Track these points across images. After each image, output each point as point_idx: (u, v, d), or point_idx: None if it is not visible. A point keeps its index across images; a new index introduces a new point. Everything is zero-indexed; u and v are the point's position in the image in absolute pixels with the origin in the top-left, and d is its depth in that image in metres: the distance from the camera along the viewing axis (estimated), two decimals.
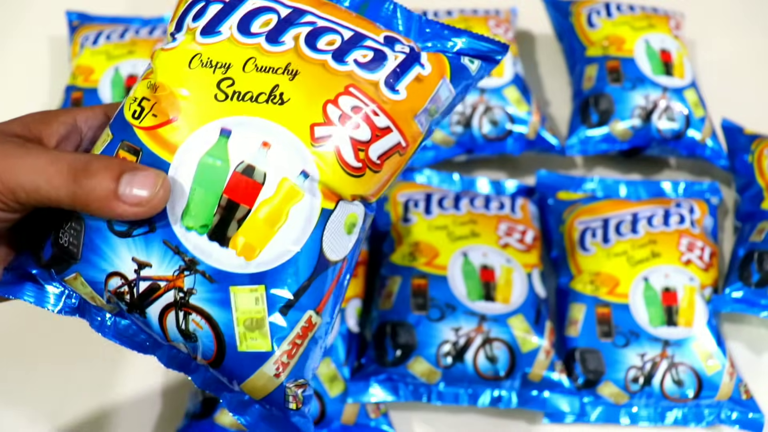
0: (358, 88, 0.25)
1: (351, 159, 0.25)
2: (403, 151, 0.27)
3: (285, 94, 0.25)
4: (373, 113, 0.25)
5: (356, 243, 0.27)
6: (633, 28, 0.58)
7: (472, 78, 0.28)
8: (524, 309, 0.45)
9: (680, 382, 0.44)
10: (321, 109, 0.25)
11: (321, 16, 0.27)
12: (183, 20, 0.27)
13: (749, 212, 0.51)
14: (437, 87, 0.27)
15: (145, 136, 0.25)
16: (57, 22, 0.64)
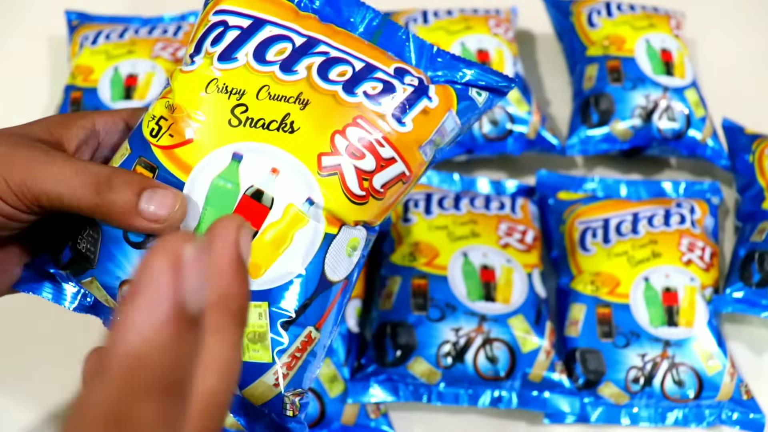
0: (365, 119, 0.26)
1: (355, 188, 0.26)
2: (407, 179, 0.28)
3: (295, 123, 0.26)
4: (378, 144, 0.26)
5: (357, 264, 0.28)
6: (633, 28, 0.58)
7: (478, 109, 0.29)
8: (524, 309, 0.45)
9: (681, 382, 0.44)
10: (329, 139, 0.26)
11: (334, 46, 0.28)
12: (202, 44, 0.28)
13: (750, 212, 0.51)
14: (443, 119, 0.28)
15: (161, 154, 0.26)
16: (56, 22, 0.64)
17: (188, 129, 0.26)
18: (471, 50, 0.57)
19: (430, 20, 0.59)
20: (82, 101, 0.54)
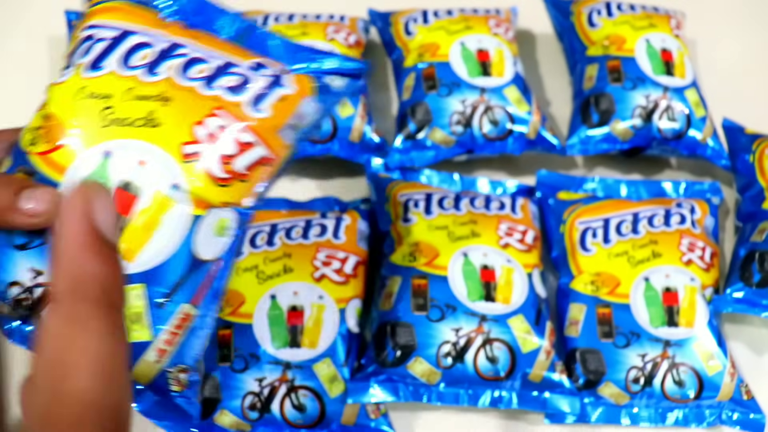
0: (224, 109, 0.29)
1: (218, 171, 0.29)
2: (270, 162, 0.30)
3: (158, 119, 0.29)
4: (237, 131, 0.29)
5: (231, 243, 0.30)
6: (634, 28, 0.58)
7: (338, 93, 0.32)
8: (524, 309, 0.45)
9: (681, 382, 0.44)
10: (190, 130, 0.29)
11: (196, 48, 0.31)
12: (72, 57, 0.31)
13: (750, 212, 0.51)
14: (299, 105, 0.31)
15: (38, 160, 0.29)
16: (56, 22, 0.64)
17: (62, 134, 0.29)
18: (471, 50, 0.56)
19: (430, 20, 0.59)
20: None
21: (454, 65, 0.56)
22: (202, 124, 0.29)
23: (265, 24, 0.59)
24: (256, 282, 0.45)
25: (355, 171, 0.56)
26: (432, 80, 0.55)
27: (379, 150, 0.55)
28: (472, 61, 0.56)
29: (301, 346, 0.43)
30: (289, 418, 0.42)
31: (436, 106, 0.54)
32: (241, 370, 0.42)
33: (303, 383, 0.42)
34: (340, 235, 0.47)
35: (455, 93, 0.54)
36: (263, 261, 0.45)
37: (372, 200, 0.52)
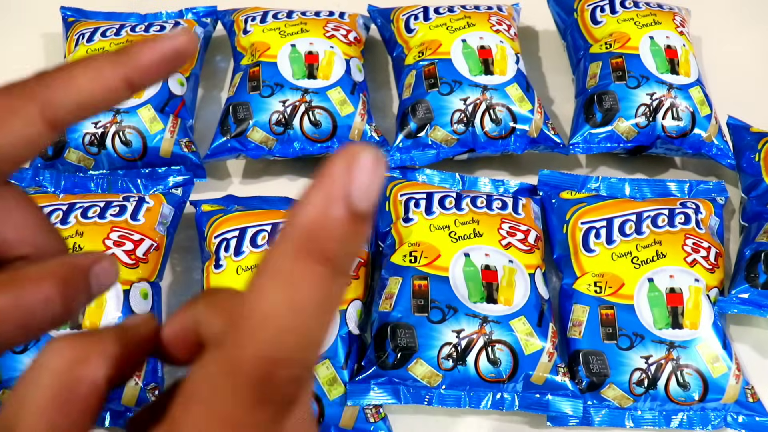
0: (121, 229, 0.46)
1: (127, 260, 0.45)
2: (156, 247, 0.47)
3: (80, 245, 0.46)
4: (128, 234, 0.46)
5: (153, 303, 0.45)
6: (638, 25, 0.57)
7: (182, 197, 0.51)
8: (527, 310, 0.44)
9: (685, 384, 0.43)
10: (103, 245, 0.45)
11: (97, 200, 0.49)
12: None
13: (756, 212, 0.50)
14: (161, 209, 0.48)
15: None
16: (52, 18, 0.63)
17: None
18: (473, 47, 0.56)
19: (431, 17, 0.59)
20: None
21: (455, 63, 0.55)
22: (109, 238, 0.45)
23: (264, 22, 0.59)
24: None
25: None
26: (433, 78, 0.55)
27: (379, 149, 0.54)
28: (474, 58, 0.55)
29: None
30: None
31: (438, 105, 0.53)
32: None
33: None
34: None
35: (457, 91, 0.54)
36: None
37: None
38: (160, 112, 0.53)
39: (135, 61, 0.17)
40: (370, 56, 0.63)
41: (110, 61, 0.17)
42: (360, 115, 0.54)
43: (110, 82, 0.17)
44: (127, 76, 0.17)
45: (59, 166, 0.52)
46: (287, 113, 0.53)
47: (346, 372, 0.43)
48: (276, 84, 0.54)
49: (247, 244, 0.46)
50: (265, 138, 0.53)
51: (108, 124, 0.52)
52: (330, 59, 0.56)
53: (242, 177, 0.57)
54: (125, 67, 0.17)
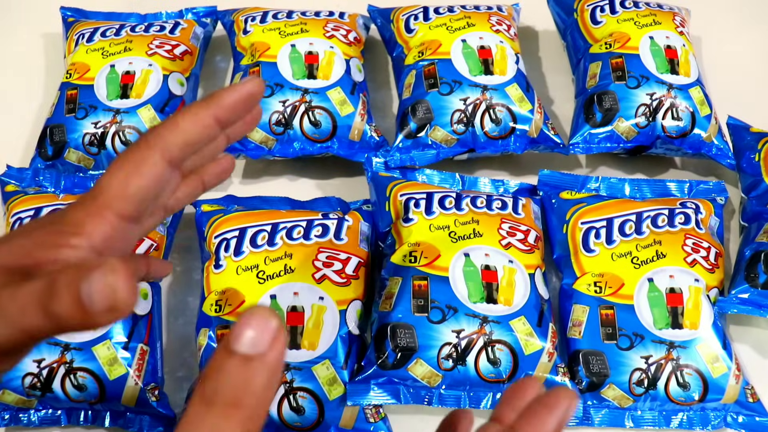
0: None
1: None
2: (158, 247, 0.47)
3: None
4: None
5: (153, 303, 0.45)
6: (637, 25, 0.57)
7: None
8: (527, 311, 0.44)
9: (685, 384, 0.43)
10: None
11: None
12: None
13: (756, 212, 0.50)
14: None
15: None
16: (52, 18, 0.63)
17: None
18: (473, 47, 0.56)
19: (431, 17, 0.59)
20: (78, 99, 0.53)
21: (455, 63, 0.55)
22: None
23: (264, 22, 0.59)
24: (256, 282, 0.44)
25: (354, 170, 0.55)
26: (433, 78, 0.55)
27: (379, 149, 0.54)
28: (474, 58, 0.55)
29: (301, 347, 0.42)
30: (286, 420, 0.41)
31: (437, 105, 0.53)
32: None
33: (302, 385, 0.42)
34: (341, 236, 0.47)
35: (456, 91, 0.54)
36: (264, 260, 0.45)
37: (372, 200, 0.51)
38: (160, 113, 0.53)
39: (220, 103, 0.23)
40: (370, 56, 0.63)
41: (202, 107, 0.23)
42: (360, 115, 0.54)
43: (204, 121, 0.23)
44: (216, 115, 0.24)
45: (59, 166, 0.52)
46: (287, 113, 0.53)
47: (346, 372, 0.43)
48: (276, 84, 0.54)
49: (247, 244, 0.46)
50: (265, 138, 0.53)
51: (108, 125, 0.52)
52: (330, 59, 0.56)
53: (242, 177, 0.57)
54: (214, 109, 0.23)
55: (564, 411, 0.21)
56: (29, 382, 0.41)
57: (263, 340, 0.18)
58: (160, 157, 0.23)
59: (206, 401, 0.18)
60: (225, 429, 0.18)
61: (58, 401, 0.42)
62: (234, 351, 0.18)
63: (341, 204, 0.52)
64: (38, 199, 0.48)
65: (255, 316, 0.18)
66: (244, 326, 0.18)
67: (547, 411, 0.21)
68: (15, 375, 0.41)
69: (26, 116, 0.59)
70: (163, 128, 0.23)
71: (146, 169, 0.23)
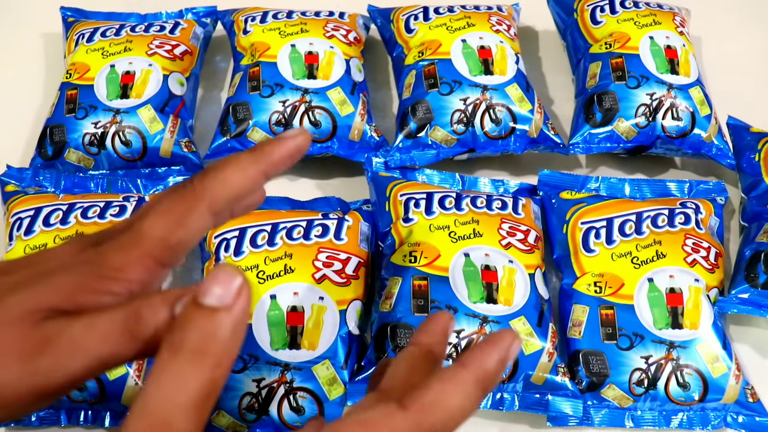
0: None
1: None
2: None
3: None
4: None
5: None
6: (637, 25, 0.57)
7: None
8: (527, 311, 0.44)
9: (685, 384, 0.43)
10: None
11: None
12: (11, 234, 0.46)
13: (756, 212, 0.50)
14: None
15: None
16: (52, 18, 0.63)
17: None
18: (473, 47, 0.56)
19: (431, 17, 0.59)
20: (78, 99, 0.53)
21: (455, 63, 0.55)
22: None
23: (264, 22, 0.59)
24: (256, 282, 0.44)
25: (354, 170, 0.55)
26: (433, 78, 0.55)
27: (379, 149, 0.54)
28: (474, 58, 0.55)
29: (301, 347, 0.42)
30: (287, 420, 0.41)
31: (437, 105, 0.53)
32: (240, 370, 0.42)
33: (302, 385, 0.42)
34: (341, 236, 0.47)
35: (456, 91, 0.54)
36: (264, 260, 0.45)
37: (372, 200, 0.51)
38: (160, 113, 0.53)
39: (269, 158, 0.23)
40: (370, 56, 0.63)
41: (251, 162, 0.23)
42: (360, 115, 0.54)
43: (253, 176, 0.23)
44: (264, 171, 0.24)
45: (59, 166, 0.52)
46: (287, 113, 0.53)
47: (346, 372, 0.43)
48: (276, 84, 0.54)
49: (247, 244, 0.46)
50: (266, 138, 0.53)
51: (108, 125, 0.52)
52: (330, 59, 0.56)
53: None
54: (262, 165, 0.23)
55: (507, 346, 0.21)
56: None
57: (229, 294, 0.19)
58: (207, 211, 0.23)
59: (174, 349, 0.19)
60: (190, 374, 0.19)
61: (58, 401, 0.42)
62: (201, 304, 0.19)
63: (341, 204, 0.52)
64: (38, 199, 0.48)
65: (221, 272, 0.19)
66: (211, 282, 0.19)
67: (491, 345, 0.21)
68: None
69: (26, 116, 0.59)
70: (213, 181, 0.23)
71: (192, 223, 0.22)
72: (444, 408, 0.20)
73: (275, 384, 0.41)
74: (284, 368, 0.42)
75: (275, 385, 0.41)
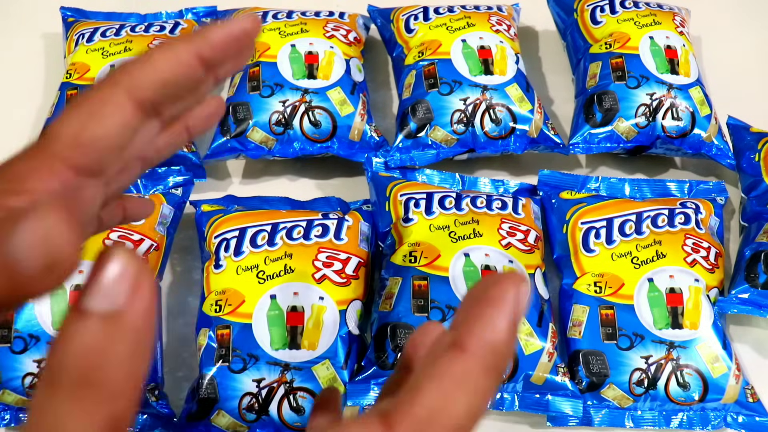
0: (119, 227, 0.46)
1: None
2: (156, 247, 0.47)
3: None
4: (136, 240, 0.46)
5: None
6: (637, 25, 0.57)
7: (182, 197, 0.51)
8: (527, 311, 0.44)
9: (685, 384, 0.43)
10: None
11: None
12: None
13: (756, 212, 0.50)
14: (161, 210, 0.48)
15: None
16: (52, 18, 0.63)
17: None
18: (473, 47, 0.56)
19: (431, 17, 0.59)
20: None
21: (455, 63, 0.55)
22: (109, 238, 0.45)
23: (264, 22, 0.59)
24: (256, 282, 0.44)
25: (354, 170, 0.55)
26: (433, 78, 0.55)
27: (379, 149, 0.54)
28: (474, 58, 0.55)
29: (301, 347, 0.42)
30: (286, 420, 0.41)
31: (437, 105, 0.53)
32: (239, 370, 0.42)
33: (302, 385, 0.42)
34: (341, 236, 0.47)
35: (456, 91, 0.54)
36: (264, 260, 0.45)
37: (372, 200, 0.51)
38: None
39: (206, 39, 0.19)
40: (370, 56, 0.63)
41: (184, 41, 0.19)
42: (360, 115, 0.54)
43: (184, 59, 0.18)
44: (199, 53, 0.19)
45: None
46: (287, 113, 0.53)
47: (346, 372, 0.43)
48: (276, 84, 0.54)
49: (247, 244, 0.46)
50: (265, 138, 0.53)
51: None
52: (330, 59, 0.56)
53: (242, 177, 0.57)
54: (197, 45, 0.19)
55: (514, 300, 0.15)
56: (29, 382, 0.41)
57: (120, 291, 0.13)
58: (127, 98, 0.18)
59: (50, 382, 0.13)
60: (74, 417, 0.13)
61: None
62: (84, 310, 0.13)
63: (341, 204, 0.52)
64: None
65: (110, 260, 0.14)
66: (97, 277, 0.14)
67: (493, 307, 0.15)
68: (15, 375, 0.41)
69: (26, 116, 0.59)
70: (133, 64, 0.18)
71: (108, 112, 0.18)
72: (447, 417, 0.15)
73: (275, 384, 0.41)
74: (284, 368, 0.42)
75: (275, 385, 0.41)
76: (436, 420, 0.15)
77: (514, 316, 0.15)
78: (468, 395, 0.15)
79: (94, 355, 0.13)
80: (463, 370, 0.15)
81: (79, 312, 0.13)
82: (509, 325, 0.15)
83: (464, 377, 0.15)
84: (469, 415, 0.15)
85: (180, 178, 0.52)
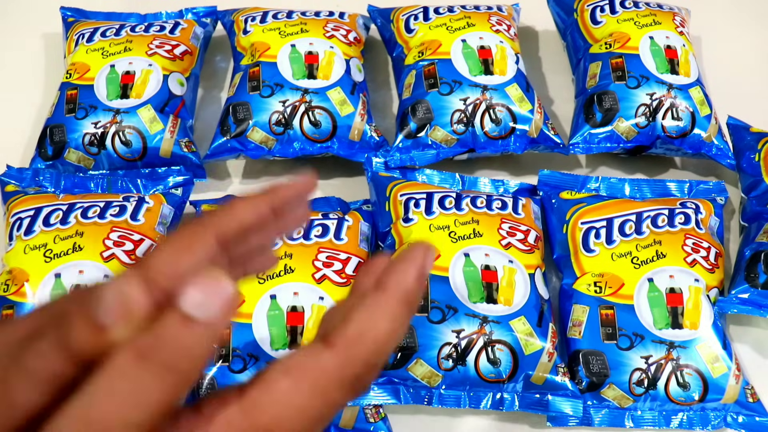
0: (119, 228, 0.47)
1: (127, 260, 0.45)
2: None
3: None
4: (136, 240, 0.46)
5: None
6: (637, 25, 0.57)
7: (182, 197, 0.51)
8: (527, 311, 0.44)
9: (685, 384, 0.43)
10: None
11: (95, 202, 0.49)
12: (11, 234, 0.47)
13: (756, 212, 0.50)
14: (161, 210, 0.49)
15: None
16: (52, 18, 0.63)
17: None
18: (473, 47, 0.56)
19: (431, 17, 0.59)
20: (77, 99, 0.53)
21: (455, 63, 0.55)
22: (109, 238, 0.46)
23: (264, 22, 0.59)
24: (256, 282, 0.44)
25: (354, 170, 0.55)
26: (433, 78, 0.55)
27: (379, 149, 0.54)
28: (474, 58, 0.55)
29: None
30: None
31: (437, 105, 0.53)
32: (239, 370, 0.42)
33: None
34: (341, 236, 0.47)
35: (456, 91, 0.54)
36: None
37: (372, 200, 0.51)
38: (160, 113, 0.53)
39: (278, 196, 0.24)
40: (370, 56, 0.63)
41: (261, 198, 0.24)
42: (360, 115, 0.54)
43: (262, 212, 0.24)
44: (273, 206, 0.24)
45: (59, 166, 0.52)
46: (287, 113, 0.53)
47: None
48: (276, 84, 0.54)
49: None
50: (265, 138, 0.53)
51: (108, 125, 0.52)
52: (330, 59, 0.56)
53: (242, 177, 0.57)
54: (271, 201, 0.24)
55: (422, 257, 0.21)
56: None
57: (216, 307, 0.17)
58: (213, 238, 0.22)
59: (141, 355, 0.17)
60: (154, 390, 0.17)
61: None
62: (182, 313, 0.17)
63: (341, 204, 0.52)
64: (38, 199, 0.48)
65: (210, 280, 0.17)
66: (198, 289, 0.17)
67: (406, 262, 0.21)
68: None
69: (26, 116, 0.59)
70: (220, 212, 0.23)
71: (198, 248, 0.22)
72: (372, 336, 0.20)
73: None
74: None
75: None
76: (364, 338, 0.19)
77: (422, 268, 0.21)
78: (387, 322, 0.20)
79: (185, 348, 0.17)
80: (384, 302, 0.20)
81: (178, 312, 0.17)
82: (418, 274, 0.21)
83: (385, 308, 0.20)
84: (389, 336, 0.20)
85: (180, 178, 0.52)
